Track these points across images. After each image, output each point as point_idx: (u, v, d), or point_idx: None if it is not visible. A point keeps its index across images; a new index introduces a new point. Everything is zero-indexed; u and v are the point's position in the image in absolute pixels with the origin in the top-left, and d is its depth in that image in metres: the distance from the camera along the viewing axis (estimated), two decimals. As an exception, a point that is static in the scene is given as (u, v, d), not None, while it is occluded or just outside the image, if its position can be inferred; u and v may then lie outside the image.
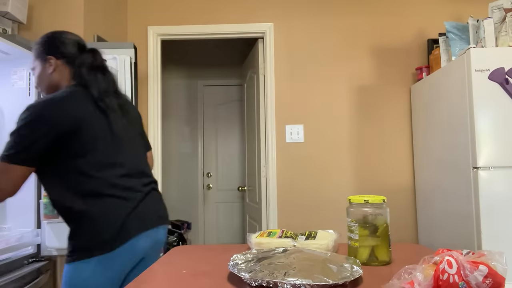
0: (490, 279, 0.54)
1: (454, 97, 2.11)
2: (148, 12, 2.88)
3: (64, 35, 1.38)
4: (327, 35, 2.83)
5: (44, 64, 1.36)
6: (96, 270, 1.16)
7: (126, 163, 1.33)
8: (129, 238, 1.23)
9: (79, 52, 1.38)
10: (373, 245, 0.83)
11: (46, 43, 1.37)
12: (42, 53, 1.36)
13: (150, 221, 1.33)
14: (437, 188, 2.34)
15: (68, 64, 1.36)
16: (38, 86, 1.39)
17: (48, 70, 1.35)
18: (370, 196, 0.87)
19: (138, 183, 1.34)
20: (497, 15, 2.08)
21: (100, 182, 1.23)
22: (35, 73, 1.38)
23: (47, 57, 1.35)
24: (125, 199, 1.27)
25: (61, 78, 1.36)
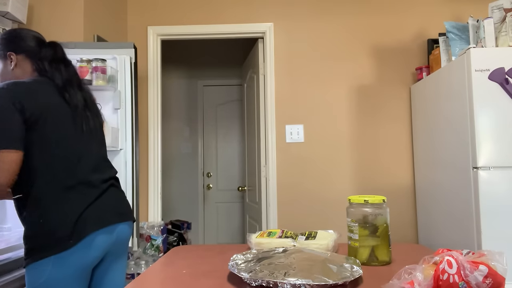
0: (490, 279, 0.54)
1: (454, 97, 2.11)
2: (148, 12, 2.88)
3: (21, 31, 1.39)
4: (327, 35, 2.83)
5: (4, 61, 1.35)
6: (54, 269, 1.15)
7: (87, 157, 1.31)
8: (84, 235, 1.21)
9: (38, 46, 1.38)
10: (373, 245, 0.83)
11: (4, 40, 1.37)
12: (2, 50, 1.35)
13: (108, 217, 1.30)
14: (437, 188, 2.34)
15: (29, 58, 1.36)
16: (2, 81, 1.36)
17: (9, 66, 1.35)
18: (370, 196, 0.87)
19: (98, 178, 1.31)
20: (497, 15, 2.08)
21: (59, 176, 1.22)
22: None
23: (7, 53, 1.35)
24: (83, 194, 1.25)
25: (23, 72, 1.36)
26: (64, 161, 1.23)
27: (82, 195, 1.25)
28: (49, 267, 1.15)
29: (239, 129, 4.24)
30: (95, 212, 1.26)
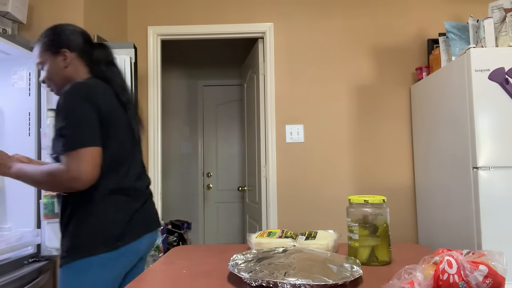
0: (490, 279, 0.54)
1: (454, 97, 2.11)
2: (148, 12, 2.88)
3: (73, 27, 1.34)
4: (327, 35, 2.83)
5: (56, 57, 1.29)
6: (97, 269, 1.14)
7: (136, 162, 1.33)
8: (132, 239, 1.22)
9: (90, 46, 1.35)
10: (373, 245, 0.83)
11: (56, 35, 1.31)
12: (53, 46, 1.29)
13: (152, 223, 1.33)
14: (437, 188, 2.34)
15: (81, 57, 1.32)
16: (49, 80, 1.31)
17: (61, 63, 1.30)
18: (370, 196, 0.86)
19: (142, 185, 1.33)
20: (497, 15, 2.08)
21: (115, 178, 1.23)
22: (45, 67, 1.30)
23: (61, 50, 1.29)
24: (134, 198, 1.27)
25: (76, 71, 1.32)
26: (118, 165, 1.24)
27: (132, 200, 1.26)
28: (92, 267, 1.13)
29: (239, 129, 4.24)
30: (142, 217, 1.28)
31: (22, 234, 1.82)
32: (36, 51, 1.31)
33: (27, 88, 1.96)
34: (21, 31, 2.15)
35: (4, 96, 1.96)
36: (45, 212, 1.79)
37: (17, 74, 1.97)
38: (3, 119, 1.96)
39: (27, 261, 1.84)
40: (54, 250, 1.90)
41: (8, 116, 1.96)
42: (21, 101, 1.96)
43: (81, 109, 1.15)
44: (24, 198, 1.92)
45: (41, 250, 1.91)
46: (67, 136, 1.13)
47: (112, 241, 1.17)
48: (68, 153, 1.12)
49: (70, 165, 1.12)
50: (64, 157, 1.13)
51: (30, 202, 1.92)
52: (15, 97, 1.96)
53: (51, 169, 1.14)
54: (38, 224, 1.92)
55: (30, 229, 1.90)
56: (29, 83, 1.97)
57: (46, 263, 1.91)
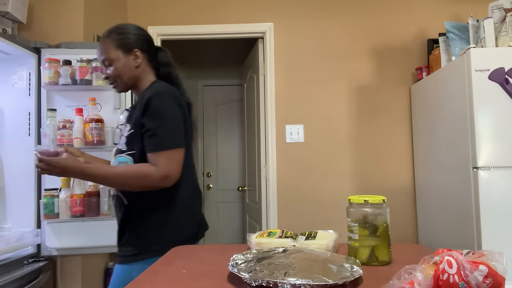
0: (490, 279, 0.54)
1: (454, 97, 2.11)
2: (148, 12, 2.88)
3: (142, 29, 1.37)
4: (327, 35, 2.83)
5: (128, 56, 1.31)
6: None
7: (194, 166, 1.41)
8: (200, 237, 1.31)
9: (154, 49, 1.39)
10: (373, 245, 0.83)
11: (130, 35, 1.33)
12: (127, 45, 1.31)
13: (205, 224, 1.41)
14: (437, 188, 2.34)
15: (148, 60, 1.36)
16: (118, 78, 1.32)
17: (133, 63, 1.32)
18: (370, 196, 0.86)
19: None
20: (497, 15, 2.08)
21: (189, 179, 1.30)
22: (115, 64, 1.30)
23: (134, 49, 1.32)
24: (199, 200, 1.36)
25: (144, 72, 1.35)
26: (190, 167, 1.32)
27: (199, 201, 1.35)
28: None
29: (239, 129, 4.24)
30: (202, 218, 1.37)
31: (22, 234, 1.83)
32: (105, 47, 1.30)
33: (27, 88, 1.96)
34: (21, 31, 2.15)
35: (4, 96, 1.96)
36: (45, 212, 1.79)
37: (17, 74, 1.97)
38: (3, 119, 1.96)
39: (27, 261, 1.84)
40: (54, 250, 1.91)
41: (8, 116, 1.96)
42: (21, 101, 1.96)
43: (174, 112, 1.22)
44: (24, 198, 1.92)
45: (41, 250, 1.91)
46: (161, 136, 1.19)
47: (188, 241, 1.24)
48: (161, 153, 1.18)
49: (162, 164, 1.17)
50: (155, 156, 1.18)
51: (30, 202, 1.92)
52: (15, 97, 1.96)
53: (139, 169, 1.19)
54: (38, 224, 1.92)
55: (30, 229, 1.90)
56: (29, 83, 1.97)
57: (46, 263, 1.91)
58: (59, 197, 1.79)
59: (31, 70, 1.96)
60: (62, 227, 1.87)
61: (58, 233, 1.88)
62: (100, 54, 1.32)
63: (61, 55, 1.92)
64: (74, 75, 1.88)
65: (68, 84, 1.87)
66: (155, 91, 1.23)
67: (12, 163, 1.94)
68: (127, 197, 1.27)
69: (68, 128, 1.84)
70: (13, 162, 1.94)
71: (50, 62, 1.87)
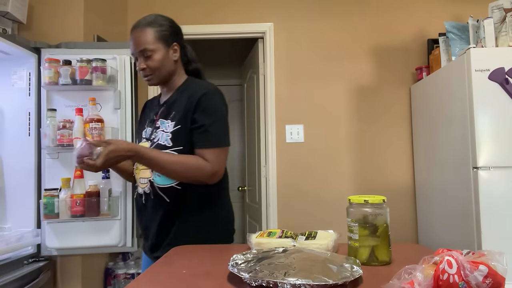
0: (490, 279, 0.54)
1: (454, 97, 2.10)
2: (148, 12, 2.87)
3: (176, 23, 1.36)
4: (327, 35, 2.83)
5: (168, 49, 1.29)
6: None
7: None
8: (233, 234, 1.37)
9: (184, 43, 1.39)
10: (373, 245, 0.83)
11: (170, 28, 1.31)
12: (168, 37, 1.29)
13: None
14: (437, 188, 2.34)
15: (181, 55, 1.35)
16: (156, 70, 1.28)
17: (172, 57, 1.30)
18: (370, 196, 0.86)
19: None
20: (497, 15, 2.08)
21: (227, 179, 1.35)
22: (156, 56, 1.26)
23: (174, 43, 1.31)
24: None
25: (178, 67, 1.35)
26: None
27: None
28: None
29: (239, 129, 4.24)
30: None
31: (22, 234, 1.83)
32: (145, 37, 1.25)
33: (27, 88, 1.96)
34: (21, 31, 2.15)
35: (4, 96, 1.96)
36: (45, 212, 1.79)
37: (17, 74, 1.97)
38: (3, 119, 1.96)
39: (27, 261, 1.84)
40: (54, 250, 1.90)
41: (8, 116, 1.96)
42: (21, 101, 1.96)
43: (223, 110, 1.26)
44: (24, 198, 1.92)
45: (41, 250, 1.91)
46: (214, 133, 1.21)
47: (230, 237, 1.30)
48: (213, 150, 1.21)
49: (214, 161, 1.20)
50: (207, 152, 1.20)
51: (30, 202, 1.92)
52: (15, 97, 1.96)
53: (195, 161, 1.20)
54: (38, 224, 1.92)
55: (30, 229, 1.90)
56: (29, 83, 1.96)
57: (46, 263, 1.91)
58: (59, 197, 1.79)
59: (31, 70, 1.96)
60: (62, 227, 1.87)
61: (58, 233, 1.88)
62: (139, 44, 1.25)
63: (61, 55, 1.92)
64: (74, 75, 1.87)
65: (68, 84, 1.87)
66: (206, 89, 1.24)
67: (12, 163, 1.94)
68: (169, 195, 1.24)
69: (68, 128, 1.84)
70: (13, 162, 1.94)
71: (50, 62, 1.87)
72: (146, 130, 1.36)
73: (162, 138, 1.25)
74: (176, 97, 1.30)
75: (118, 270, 2.42)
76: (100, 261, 2.41)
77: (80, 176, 1.82)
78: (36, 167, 1.94)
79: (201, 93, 1.23)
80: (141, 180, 1.29)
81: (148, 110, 1.46)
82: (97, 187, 1.82)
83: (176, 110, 1.26)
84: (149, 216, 1.28)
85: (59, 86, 1.89)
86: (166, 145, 1.23)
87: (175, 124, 1.24)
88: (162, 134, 1.26)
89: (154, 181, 1.25)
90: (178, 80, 1.35)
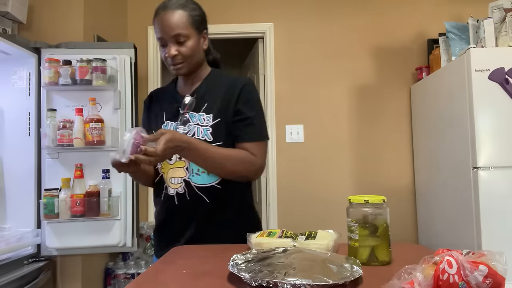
0: (490, 279, 0.54)
1: (454, 97, 2.10)
2: (148, 12, 2.87)
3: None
4: (327, 35, 2.83)
5: (199, 37, 1.17)
6: None
7: None
8: None
9: None
10: (373, 245, 0.83)
11: (203, 14, 1.20)
12: (200, 24, 1.17)
13: None
14: (437, 188, 2.34)
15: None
16: (188, 58, 1.15)
17: (202, 45, 1.20)
18: (370, 196, 0.86)
19: None
20: (497, 15, 2.08)
21: None
22: (189, 42, 1.13)
23: (204, 30, 1.20)
24: None
25: (203, 57, 1.23)
26: None
27: None
28: None
29: (239, 129, 4.24)
30: None
31: (22, 234, 1.83)
32: (180, 20, 1.12)
33: (27, 88, 1.96)
34: (21, 31, 2.15)
35: (4, 96, 1.96)
36: (45, 212, 1.79)
37: (17, 74, 1.97)
38: (3, 119, 1.96)
39: (27, 261, 1.84)
40: (54, 250, 1.90)
41: (8, 116, 1.96)
42: (21, 101, 1.96)
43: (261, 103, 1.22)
44: (24, 198, 1.92)
45: (41, 250, 1.91)
46: (258, 126, 1.18)
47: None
48: (260, 143, 1.16)
49: (260, 155, 1.16)
50: (254, 145, 1.15)
51: (30, 202, 1.92)
52: (15, 97, 1.96)
53: (246, 155, 1.13)
54: (38, 224, 1.92)
55: (30, 229, 1.90)
56: (29, 83, 1.96)
57: (46, 263, 1.91)
58: (59, 197, 1.79)
59: (31, 70, 1.96)
60: (62, 227, 1.87)
61: (58, 233, 1.88)
62: (171, 27, 1.10)
63: (61, 55, 1.92)
64: (74, 75, 1.87)
65: (68, 84, 1.87)
66: (245, 80, 1.19)
67: (12, 163, 1.94)
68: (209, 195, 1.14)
69: (68, 128, 1.84)
70: (13, 162, 1.94)
71: (50, 62, 1.87)
72: (167, 125, 1.21)
73: (199, 132, 1.14)
74: (207, 89, 1.20)
75: (118, 270, 2.42)
76: (100, 261, 2.41)
77: (80, 176, 1.82)
78: (36, 167, 1.94)
79: (242, 83, 1.17)
80: (172, 180, 1.17)
81: (160, 103, 1.29)
82: (97, 187, 1.82)
83: (210, 102, 1.16)
84: (185, 218, 1.17)
85: (59, 86, 1.89)
86: (206, 139, 1.13)
87: (213, 117, 1.14)
88: (198, 128, 1.14)
89: (191, 180, 1.14)
90: (204, 71, 1.24)
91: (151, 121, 1.28)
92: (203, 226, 1.16)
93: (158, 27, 1.13)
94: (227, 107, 1.15)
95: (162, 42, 1.14)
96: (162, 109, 1.25)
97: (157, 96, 1.34)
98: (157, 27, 1.13)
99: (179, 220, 1.18)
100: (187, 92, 1.22)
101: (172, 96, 1.26)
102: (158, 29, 1.13)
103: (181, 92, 1.25)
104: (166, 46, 1.14)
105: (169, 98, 1.27)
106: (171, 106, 1.23)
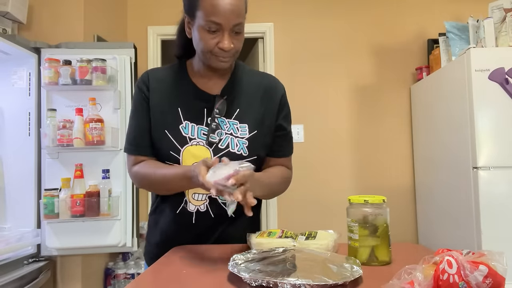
0: (490, 279, 0.54)
1: (454, 97, 2.10)
2: (148, 12, 2.88)
3: None
4: (327, 35, 2.83)
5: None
6: None
7: None
8: None
9: None
10: (373, 245, 0.83)
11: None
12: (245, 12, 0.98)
13: None
14: (437, 188, 2.34)
15: None
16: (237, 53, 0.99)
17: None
18: (370, 196, 0.86)
19: None
20: (497, 15, 2.08)
21: None
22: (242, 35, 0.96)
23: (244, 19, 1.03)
24: None
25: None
26: None
27: None
28: None
29: (239, 129, 4.24)
30: None
31: (22, 234, 1.83)
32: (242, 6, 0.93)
33: (27, 88, 1.96)
34: (21, 31, 2.15)
35: (4, 96, 1.96)
36: (45, 212, 1.79)
37: (17, 74, 1.97)
38: (3, 119, 1.96)
39: (27, 261, 1.84)
40: (54, 250, 1.90)
41: (8, 116, 1.96)
42: (21, 101, 1.96)
43: None
44: (24, 198, 1.92)
45: (41, 250, 1.91)
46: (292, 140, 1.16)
47: None
48: (290, 156, 1.16)
49: (291, 167, 1.15)
50: (289, 159, 1.15)
51: (30, 202, 1.92)
52: (15, 97, 1.96)
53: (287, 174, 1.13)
54: (38, 224, 1.92)
55: (30, 229, 1.90)
56: (29, 83, 1.96)
57: (46, 263, 1.91)
58: (59, 197, 1.79)
59: (31, 70, 1.96)
60: (62, 227, 1.87)
61: (58, 233, 1.88)
62: (237, 14, 0.91)
63: (61, 55, 1.92)
64: (74, 75, 1.88)
65: (68, 84, 1.87)
66: (279, 85, 1.11)
67: (12, 163, 1.94)
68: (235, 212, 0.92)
69: (68, 128, 1.84)
70: (13, 162, 1.94)
71: (50, 62, 1.87)
72: (186, 126, 1.01)
73: (234, 144, 1.00)
74: (237, 89, 1.04)
75: (118, 270, 2.42)
76: (100, 261, 2.41)
77: (80, 176, 1.82)
78: (36, 167, 1.94)
79: (280, 93, 1.09)
80: (194, 196, 1.03)
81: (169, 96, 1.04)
82: (97, 187, 1.82)
83: (242, 108, 1.02)
84: (199, 234, 1.06)
85: (59, 86, 1.89)
86: (242, 154, 1.00)
87: (249, 128, 1.02)
88: (232, 139, 1.00)
89: (219, 198, 1.01)
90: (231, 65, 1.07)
91: (155, 118, 1.03)
92: (220, 239, 1.08)
93: (218, 9, 0.89)
94: (265, 119, 1.04)
95: (214, 28, 0.92)
96: (176, 105, 1.02)
97: (159, 83, 1.06)
98: (217, 9, 0.89)
99: (190, 237, 1.06)
100: (213, 89, 1.03)
101: (193, 91, 1.04)
102: (217, 12, 0.89)
103: (201, 86, 1.04)
104: (215, 32, 0.92)
105: (187, 93, 1.04)
106: (191, 103, 1.02)
